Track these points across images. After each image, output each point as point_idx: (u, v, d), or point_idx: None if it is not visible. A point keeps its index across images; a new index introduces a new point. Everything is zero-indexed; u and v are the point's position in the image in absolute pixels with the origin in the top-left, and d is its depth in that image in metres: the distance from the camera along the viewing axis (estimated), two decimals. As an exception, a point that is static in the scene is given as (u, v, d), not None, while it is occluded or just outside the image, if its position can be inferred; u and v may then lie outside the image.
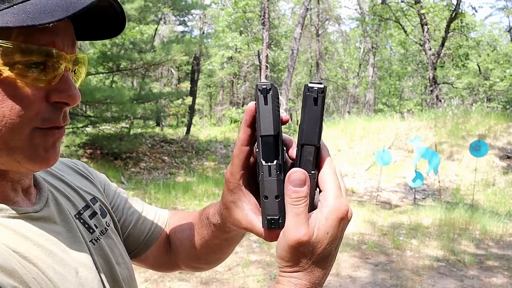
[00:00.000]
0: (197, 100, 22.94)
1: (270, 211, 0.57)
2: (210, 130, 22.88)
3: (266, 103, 0.56)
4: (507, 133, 12.06)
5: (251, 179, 0.63)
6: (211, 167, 12.17)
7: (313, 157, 0.56)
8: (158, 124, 17.55)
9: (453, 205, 7.88)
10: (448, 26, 17.73)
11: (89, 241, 0.68)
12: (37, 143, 0.56)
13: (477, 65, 26.11)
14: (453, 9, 17.02)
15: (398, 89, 30.82)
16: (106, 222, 0.76)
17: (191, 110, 18.76)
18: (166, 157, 12.28)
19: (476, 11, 17.26)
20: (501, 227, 6.39)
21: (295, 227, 0.52)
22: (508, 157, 11.23)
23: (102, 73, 12.13)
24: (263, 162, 0.56)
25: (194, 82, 19.74)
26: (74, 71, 0.62)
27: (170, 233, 0.90)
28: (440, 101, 17.93)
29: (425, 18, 18.06)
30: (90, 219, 0.72)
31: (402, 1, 19.24)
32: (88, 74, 10.47)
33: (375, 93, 28.71)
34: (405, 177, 9.57)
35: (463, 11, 17.38)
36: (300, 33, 17.67)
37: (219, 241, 0.78)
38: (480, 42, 23.95)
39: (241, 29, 24.34)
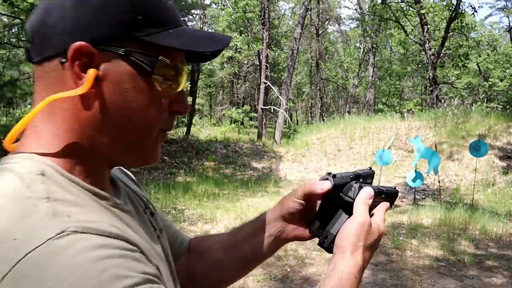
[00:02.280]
0: (197, 100, 22.94)
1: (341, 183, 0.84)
2: (210, 130, 22.90)
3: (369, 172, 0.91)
4: (507, 133, 12.07)
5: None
6: (211, 167, 12.17)
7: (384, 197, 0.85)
8: (158, 124, 17.52)
9: (453, 205, 7.88)
10: (448, 26, 17.72)
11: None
12: (158, 143, 0.66)
13: (477, 65, 26.11)
14: (453, 9, 17.03)
15: (398, 89, 30.82)
16: (159, 222, 0.80)
17: (191, 110, 18.76)
18: (166, 157, 12.28)
19: (476, 11, 17.23)
20: (500, 227, 6.39)
21: (365, 214, 0.76)
22: (508, 157, 11.23)
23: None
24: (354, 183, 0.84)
25: (194, 82, 19.73)
26: None
27: (195, 250, 0.92)
28: (440, 101, 17.94)
29: (425, 18, 18.06)
30: (151, 217, 0.76)
31: (402, 1, 19.24)
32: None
33: (375, 93, 28.72)
34: (405, 177, 9.57)
35: (463, 11, 17.38)
36: (300, 33, 17.68)
37: (260, 243, 0.87)
38: (480, 42, 23.95)
39: (241, 29, 24.33)
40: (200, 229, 5.81)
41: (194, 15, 20.31)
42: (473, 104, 21.01)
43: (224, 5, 23.23)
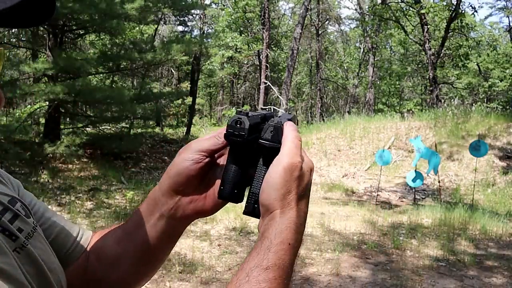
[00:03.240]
0: (197, 100, 22.95)
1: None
2: (210, 130, 22.91)
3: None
4: (507, 133, 12.07)
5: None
6: (211, 167, 12.17)
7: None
8: (158, 124, 17.57)
9: (452, 205, 7.88)
10: (448, 26, 17.74)
11: (12, 251, 0.55)
12: None
13: (477, 65, 26.12)
14: (453, 9, 17.03)
15: (398, 89, 30.84)
16: (33, 221, 0.63)
17: (191, 110, 18.78)
18: (166, 157, 12.28)
19: (476, 11, 17.25)
20: (500, 227, 6.39)
21: (294, 155, 0.57)
22: (508, 157, 11.24)
23: (102, 73, 12.13)
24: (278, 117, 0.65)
25: (194, 82, 19.75)
26: None
27: (91, 250, 0.74)
28: (440, 101, 17.95)
29: (425, 18, 18.07)
30: (11, 224, 0.58)
31: (402, 1, 19.24)
32: (88, 74, 10.47)
33: (375, 93, 28.71)
34: (405, 177, 9.57)
35: (463, 11, 17.40)
36: (300, 33, 17.67)
37: (162, 230, 0.69)
38: (480, 42, 23.96)
39: (241, 29, 24.36)
40: (200, 229, 5.81)
41: (194, 15, 20.32)
42: (473, 104, 21.02)
43: (224, 5, 23.26)
